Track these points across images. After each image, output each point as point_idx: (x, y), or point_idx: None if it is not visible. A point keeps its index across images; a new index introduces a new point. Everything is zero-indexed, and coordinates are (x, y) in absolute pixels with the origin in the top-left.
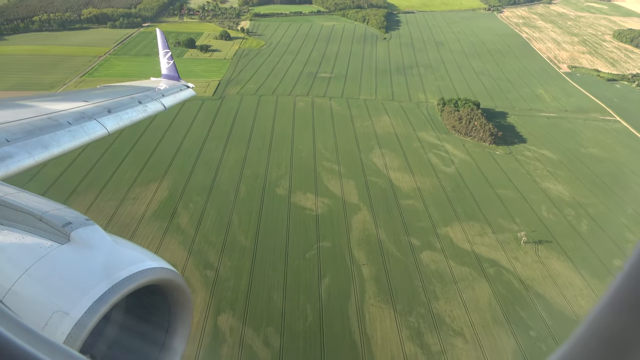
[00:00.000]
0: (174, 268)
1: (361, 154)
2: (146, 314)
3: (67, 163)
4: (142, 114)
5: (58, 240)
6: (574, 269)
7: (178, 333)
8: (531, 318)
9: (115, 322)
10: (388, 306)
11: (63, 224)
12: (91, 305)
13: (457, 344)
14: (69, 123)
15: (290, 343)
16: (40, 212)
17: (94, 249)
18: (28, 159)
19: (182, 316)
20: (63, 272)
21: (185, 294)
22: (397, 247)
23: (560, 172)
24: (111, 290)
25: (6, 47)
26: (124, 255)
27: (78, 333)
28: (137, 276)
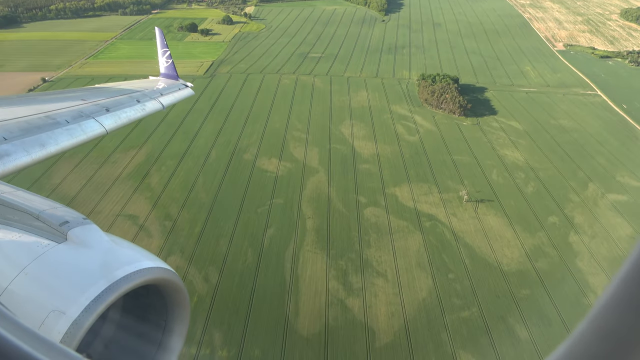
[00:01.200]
0: (171, 268)
1: (331, 125)
2: (143, 313)
3: None
4: (140, 113)
5: (55, 239)
6: (508, 224)
7: (175, 332)
8: (453, 264)
9: (112, 321)
10: (322, 252)
11: (60, 223)
12: (88, 305)
13: (378, 282)
14: (66, 122)
15: (227, 279)
16: (38, 211)
17: (91, 248)
18: (25, 157)
19: (179, 315)
20: (60, 271)
21: (182, 294)
22: (344, 204)
23: (522, 140)
24: (108, 290)
25: (23, 33)
26: (121, 254)
27: (75, 332)
28: (134, 276)
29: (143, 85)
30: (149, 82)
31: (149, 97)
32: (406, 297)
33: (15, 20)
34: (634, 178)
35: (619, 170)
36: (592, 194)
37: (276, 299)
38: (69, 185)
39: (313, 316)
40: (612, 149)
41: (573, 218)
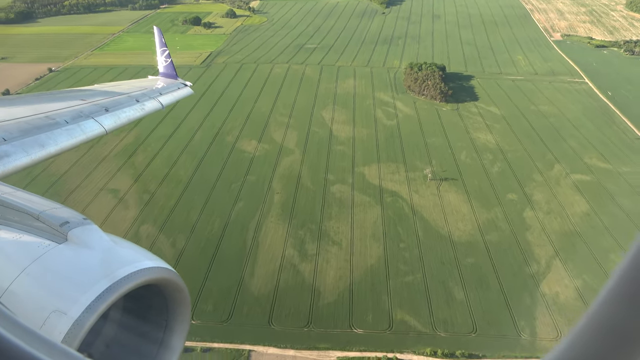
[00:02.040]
0: (172, 267)
1: (314, 110)
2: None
3: None
4: (140, 112)
5: (55, 240)
6: (467, 200)
7: (176, 331)
8: (407, 235)
9: (113, 320)
10: (284, 223)
11: (60, 223)
12: (89, 304)
13: (332, 250)
14: (66, 122)
15: (192, 245)
16: (38, 211)
17: (92, 249)
18: (25, 157)
19: (180, 314)
20: (61, 271)
21: (182, 293)
22: (313, 181)
23: (498, 125)
24: (109, 290)
25: (37, 28)
26: (122, 254)
27: (76, 332)
28: (135, 275)
29: (142, 85)
30: (148, 82)
31: (148, 97)
32: (356, 263)
33: (31, 15)
34: (601, 160)
35: (588, 153)
36: (556, 174)
37: (235, 262)
38: (58, 163)
39: (266, 278)
40: (587, 133)
41: (532, 196)
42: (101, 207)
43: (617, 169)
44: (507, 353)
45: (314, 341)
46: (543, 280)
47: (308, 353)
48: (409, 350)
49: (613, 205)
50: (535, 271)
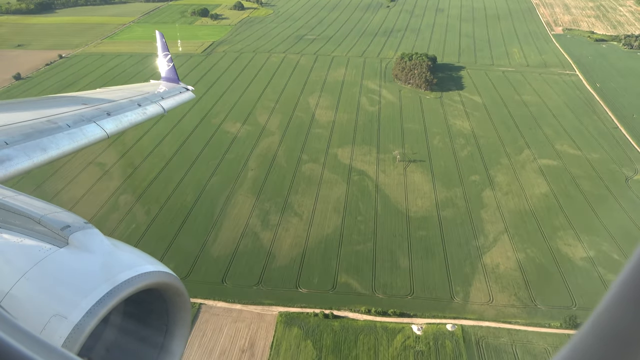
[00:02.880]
0: (172, 272)
1: (301, 96)
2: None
3: None
4: (142, 116)
5: (56, 244)
6: (430, 180)
7: (176, 335)
8: (366, 209)
9: (114, 325)
10: (253, 196)
11: (61, 227)
12: (90, 309)
13: (293, 221)
14: (68, 126)
15: (164, 214)
16: (39, 215)
17: (93, 253)
18: (27, 161)
19: (180, 319)
20: (62, 276)
21: (183, 297)
22: (287, 160)
23: (477, 112)
24: (110, 294)
25: (54, 18)
26: (123, 258)
27: (76, 336)
28: (136, 280)
29: (144, 89)
30: (150, 86)
31: (150, 101)
32: (313, 233)
33: (50, 6)
34: (572, 147)
35: (561, 140)
36: (523, 158)
37: (201, 230)
38: None
39: (227, 243)
40: (564, 122)
41: (495, 177)
42: (87, 179)
43: (587, 155)
44: (436, 313)
45: (260, 298)
46: (487, 252)
47: (253, 307)
48: (346, 308)
49: (573, 188)
50: (481, 244)
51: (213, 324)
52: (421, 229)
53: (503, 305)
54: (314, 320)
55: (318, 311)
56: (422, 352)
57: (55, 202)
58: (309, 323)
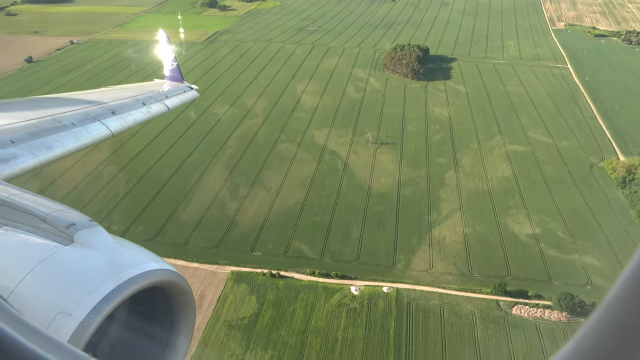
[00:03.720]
0: (176, 270)
1: (291, 83)
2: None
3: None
4: (146, 115)
5: (62, 242)
6: (398, 161)
7: (181, 332)
8: (331, 186)
9: (119, 321)
10: (227, 171)
11: (67, 225)
12: (95, 305)
13: (260, 193)
14: (72, 124)
15: (141, 185)
16: (44, 213)
17: (98, 250)
18: (32, 160)
19: (184, 316)
20: (67, 273)
21: (187, 295)
22: (266, 140)
23: (458, 101)
24: (115, 291)
25: (71, 7)
26: (128, 256)
27: (82, 333)
28: (141, 277)
29: (148, 88)
30: (155, 85)
31: (154, 100)
32: (276, 205)
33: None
34: (544, 134)
35: (535, 128)
36: (493, 144)
37: (173, 200)
38: None
39: (195, 212)
40: (543, 111)
41: (460, 160)
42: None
43: (557, 143)
44: (375, 277)
45: (217, 258)
46: (437, 227)
47: (209, 266)
48: (293, 269)
49: (535, 172)
50: (433, 219)
51: None
52: (379, 204)
53: (440, 273)
54: (262, 278)
55: (266, 271)
56: (354, 309)
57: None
58: (256, 281)
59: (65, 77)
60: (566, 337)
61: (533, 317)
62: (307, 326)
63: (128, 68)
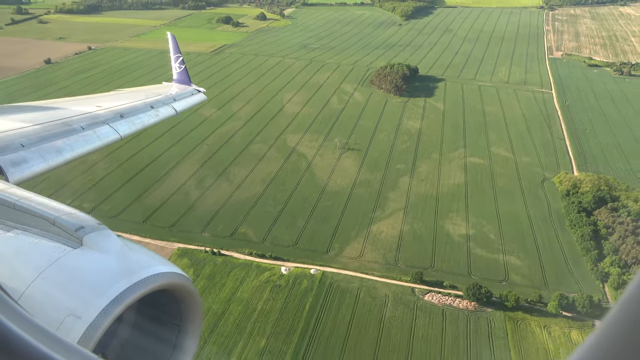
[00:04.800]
0: (184, 273)
1: (279, 92)
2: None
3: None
4: (154, 118)
5: (71, 245)
6: (359, 165)
7: (189, 333)
8: (290, 182)
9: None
10: (197, 165)
11: (76, 228)
12: (104, 307)
13: (223, 185)
14: (82, 128)
15: (117, 172)
16: (54, 217)
17: (107, 253)
18: (42, 163)
19: (192, 318)
20: (76, 275)
21: (195, 298)
22: (242, 140)
23: (433, 116)
24: (124, 293)
25: (98, 18)
26: (136, 259)
27: (91, 334)
28: (149, 280)
29: (156, 91)
30: (163, 88)
31: (163, 103)
32: (235, 195)
33: (97, 8)
34: (507, 150)
35: (500, 144)
36: (454, 155)
37: (143, 185)
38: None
39: (159, 197)
40: (513, 130)
41: (418, 167)
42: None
43: (517, 158)
44: (307, 261)
45: (168, 236)
46: (377, 223)
47: (159, 242)
48: (233, 249)
49: (487, 183)
50: (376, 216)
51: None
52: (329, 200)
53: (368, 261)
54: (203, 255)
55: (209, 249)
56: (279, 285)
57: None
58: (198, 257)
59: (75, 77)
60: (469, 322)
61: (443, 304)
62: (233, 297)
63: (135, 72)
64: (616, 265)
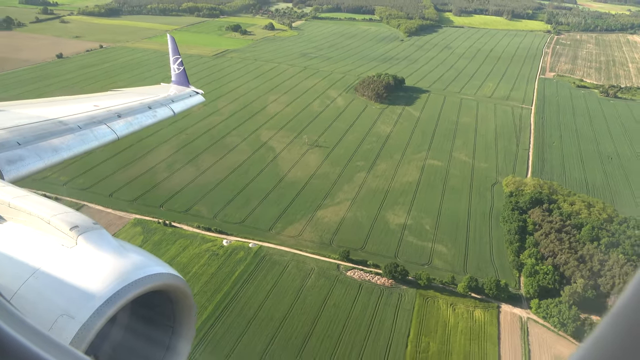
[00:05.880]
0: (179, 274)
1: (266, 94)
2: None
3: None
4: (152, 119)
5: (66, 244)
6: (322, 160)
7: (183, 335)
8: (254, 171)
9: (121, 324)
10: (172, 151)
11: (71, 228)
12: (97, 308)
13: (190, 169)
14: (79, 127)
15: (101, 152)
16: (49, 216)
17: (102, 253)
18: (38, 162)
19: (186, 320)
20: (70, 275)
21: (189, 300)
22: (219, 132)
23: (406, 123)
24: (117, 294)
25: (116, 21)
26: (131, 259)
27: (84, 335)
28: (144, 281)
29: (155, 92)
30: (161, 89)
31: (160, 104)
32: (199, 179)
33: (118, 12)
34: (468, 156)
35: (463, 150)
36: (415, 157)
37: (117, 165)
38: None
39: (131, 175)
40: (480, 139)
41: (377, 165)
42: None
43: (476, 164)
44: (248, 236)
45: (128, 208)
46: (324, 209)
47: (119, 212)
48: (184, 223)
49: (439, 182)
50: (324, 203)
51: None
52: (285, 188)
53: (305, 240)
54: (156, 225)
55: (162, 221)
56: (217, 254)
57: None
58: (150, 227)
59: (81, 71)
60: (381, 296)
61: (362, 279)
62: (172, 261)
63: (137, 69)
64: (533, 257)
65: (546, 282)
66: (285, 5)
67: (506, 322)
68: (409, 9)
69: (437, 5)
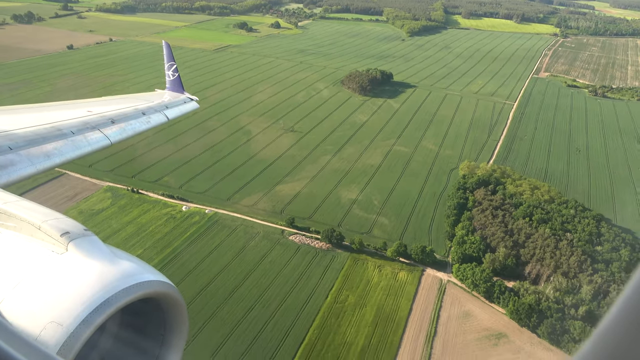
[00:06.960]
0: (170, 281)
1: (255, 84)
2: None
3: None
4: (145, 125)
5: (56, 250)
6: (293, 143)
7: (173, 345)
8: (227, 149)
9: (110, 333)
10: (153, 131)
11: (61, 234)
12: (86, 317)
13: (168, 147)
14: (72, 133)
15: None
16: (40, 222)
17: (92, 260)
18: (30, 167)
19: (177, 329)
20: (59, 282)
21: (181, 308)
22: (200, 118)
23: (384, 114)
24: (107, 302)
25: (130, 18)
26: (122, 266)
27: (72, 344)
28: (134, 288)
29: (149, 98)
30: (155, 95)
31: (154, 110)
32: (174, 156)
33: (133, 9)
34: (435, 144)
35: (432, 139)
36: (384, 144)
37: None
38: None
39: (112, 150)
40: (452, 130)
41: (344, 149)
42: None
43: (441, 151)
44: (207, 203)
45: (103, 177)
46: (283, 184)
47: (95, 180)
48: (151, 191)
49: (400, 166)
50: (285, 180)
51: (61, 182)
52: (252, 166)
53: (258, 209)
54: (124, 192)
55: (130, 188)
56: (174, 216)
57: None
58: (119, 192)
59: (87, 61)
60: (315, 257)
61: (301, 243)
62: (133, 221)
63: (139, 61)
64: (465, 229)
65: (472, 250)
66: (296, 5)
67: (426, 283)
68: (417, 10)
69: (447, 8)
